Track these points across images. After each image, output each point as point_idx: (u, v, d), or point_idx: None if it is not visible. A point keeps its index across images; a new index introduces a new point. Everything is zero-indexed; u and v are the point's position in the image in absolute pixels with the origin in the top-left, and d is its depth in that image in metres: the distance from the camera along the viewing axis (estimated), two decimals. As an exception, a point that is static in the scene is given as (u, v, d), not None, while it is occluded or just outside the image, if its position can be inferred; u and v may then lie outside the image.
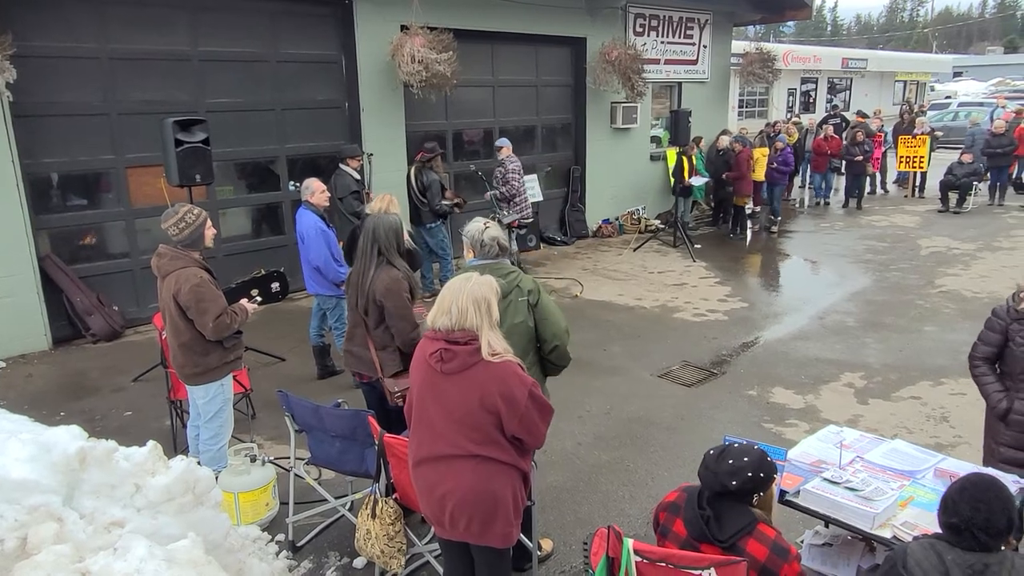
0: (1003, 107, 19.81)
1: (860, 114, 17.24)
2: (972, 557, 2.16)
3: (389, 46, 8.80)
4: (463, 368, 2.70)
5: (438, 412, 2.76)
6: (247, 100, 8.40)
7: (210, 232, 4.15)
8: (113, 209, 7.66)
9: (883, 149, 15.36)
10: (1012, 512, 2.20)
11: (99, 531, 2.43)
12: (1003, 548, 2.19)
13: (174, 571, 2.23)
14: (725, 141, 12.41)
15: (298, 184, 8.39)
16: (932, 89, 41.06)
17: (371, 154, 8.54)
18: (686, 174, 11.60)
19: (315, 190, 6.02)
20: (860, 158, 14.07)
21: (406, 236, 4.16)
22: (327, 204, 6.15)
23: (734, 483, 2.45)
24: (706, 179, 12.29)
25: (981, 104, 25.84)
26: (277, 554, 3.78)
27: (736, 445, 2.55)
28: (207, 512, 2.82)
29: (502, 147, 9.31)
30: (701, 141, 12.77)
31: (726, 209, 12.72)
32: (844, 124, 16.18)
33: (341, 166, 7.62)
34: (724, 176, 12.06)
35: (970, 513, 2.16)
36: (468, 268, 3.41)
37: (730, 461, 2.47)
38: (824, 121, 16.12)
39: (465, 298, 2.72)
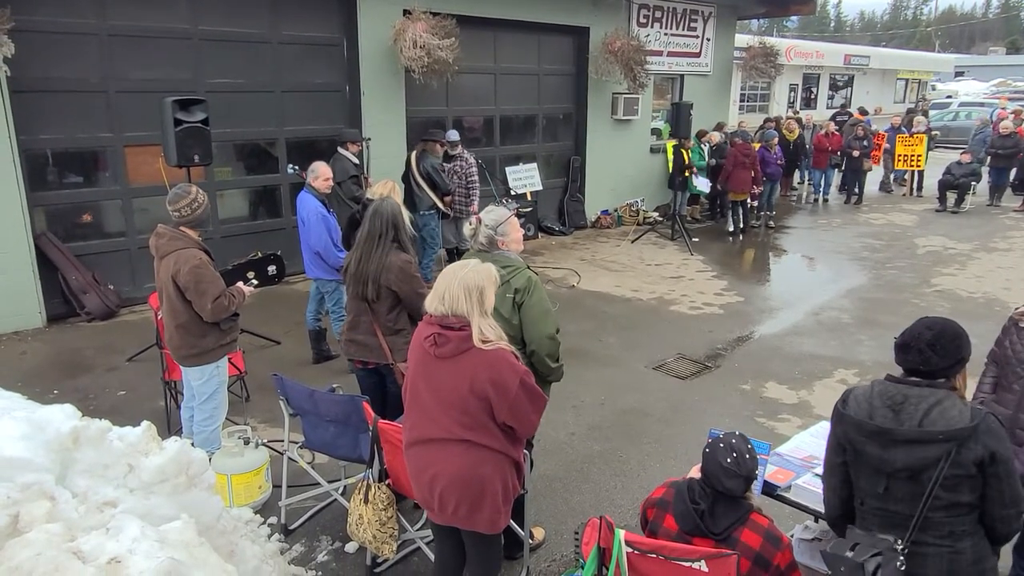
0: (1004, 107, 19.80)
1: (860, 111, 17.22)
2: (893, 389, 2.34)
3: (391, 30, 8.75)
4: (456, 353, 2.70)
5: (430, 396, 2.77)
6: (247, 81, 8.35)
7: None
8: (110, 188, 7.62)
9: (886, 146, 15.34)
10: (963, 346, 2.34)
11: (91, 511, 2.43)
12: (946, 383, 2.32)
13: (166, 552, 2.23)
14: (717, 137, 12.34)
15: (297, 167, 8.35)
16: (933, 88, 41.03)
17: (369, 138, 8.50)
18: (686, 165, 11.54)
19: (320, 175, 6.01)
20: (857, 153, 14.10)
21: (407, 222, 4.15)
22: (328, 190, 6.14)
23: (758, 471, 2.56)
24: (709, 184, 12.26)
25: (982, 104, 25.83)
26: (269, 537, 3.79)
27: (733, 441, 2.55)
28: (200, 494, 2.82)
29: (458, 143, 8.83)
30: (705, 136, 12.70)
31: (723, 203, 12.71)
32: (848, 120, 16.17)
33: (340, 150, 7.58)
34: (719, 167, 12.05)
35: (920, 330, 2.34)
36: (473, 255, 3.41)
37: (747, 456, 2.51)
38: (834, 117, 16.13)
39: (457, 285, 2.72)
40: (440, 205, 8.34)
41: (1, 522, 2.22)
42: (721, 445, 2.54)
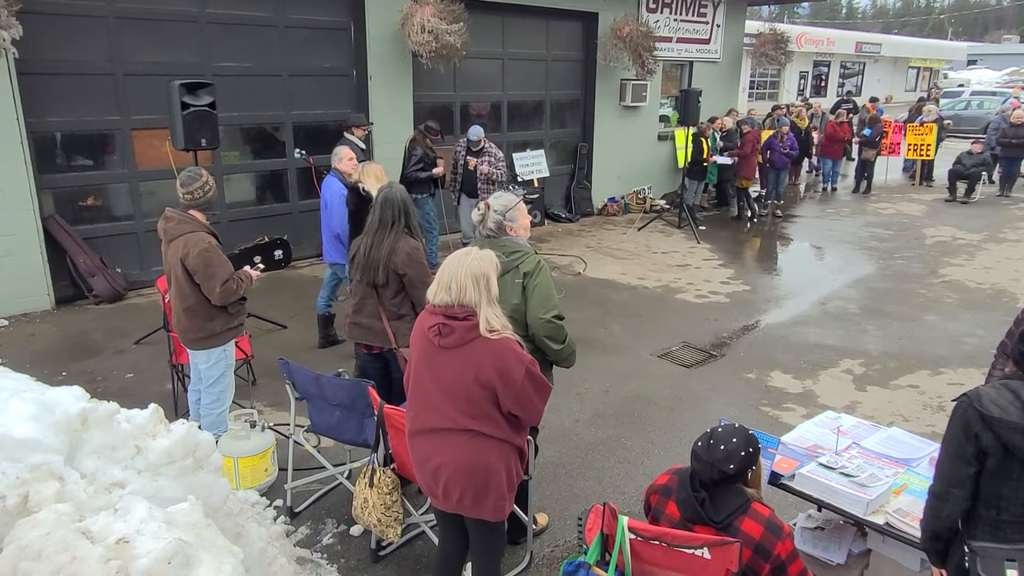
0: (1016, 97, 19.61)
1: (872, 100, 17.05)
2: None
3: (399, 15, 8.71)
4: (460, 343, 2.70)
5: (434, 385, 2.77)
6: (254, 65, 8.33)
7: None
8: (118, 171, 7.63)
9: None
10: None
11: (100, 491, 2.45)
12: None
13: (174, 533, 2.25)
14: (729, 122, 12.28)
15: (303, 151, 8.36)
16: (945, 76, 40.64)
17: (372, 123, 8.46)
18: (706, 153, 11.47)
19: (343, 156, 6.05)
20: (857, 140, 14.04)
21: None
22: (354, 171, 6.13)
23: (732, 467, 2.46)
24: (731, 160, 12.11)
25: (994, 93, 25.57)
26: (275, 519, 3.82)
27: (720, 428, 2.55)
28: (207, 476, 2.83)
29: (479, 140, 8.40)
30: (717, 121, 12.59)
31: (732, 191, 12.63)
32: (855, 109, 16.08)
33: (346, 135, 7.56)
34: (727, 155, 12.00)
35: None
36: (479, 241, 3.42)
37: (721, 447, 2.47)
38: (837, 106, 16.01)
39: (464, 273, 2.71)
40: (436, 171, 8.23)
41: (11, 502, 2.24)
42: (708, 430, 2.56)
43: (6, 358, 5.78)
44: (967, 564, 2.27)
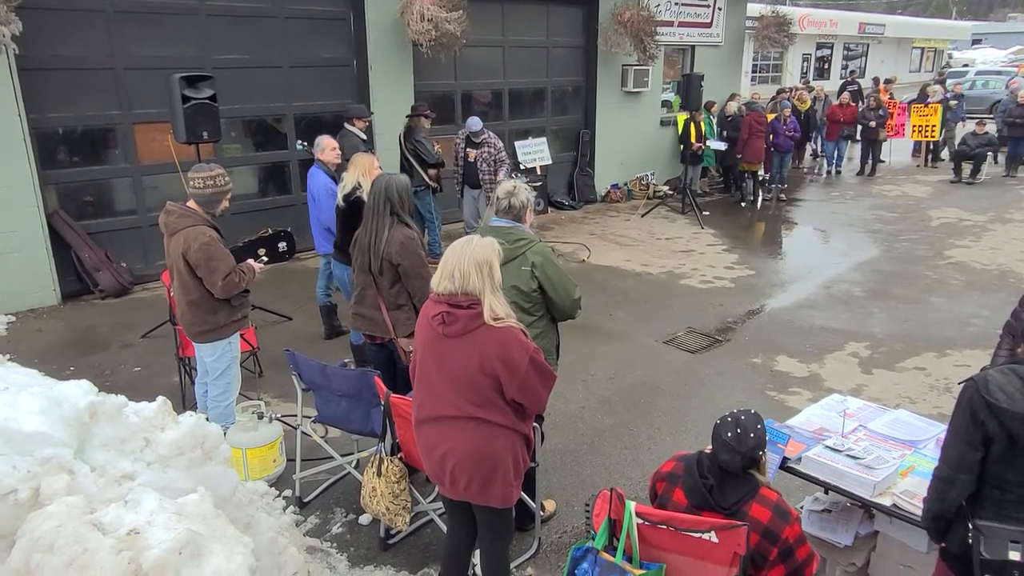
0: (1021, 76, 19.43)
1: (887, 82, 16.83)
2: None
3: (398, 3, 8.66)
4: (465, 331, 2.71)
5: (439, 374, 2.78)
6: (254, 56, 8.30)
7: (226, 204, 4.13)
8: (120, 165, 7.63)
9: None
10: None
11: (110, 484, 2.47)
12: None
13: (184, 524, 2.27)
14: (733, 107, 12.24)
15: (306, 143, 8.34)
16: (950, 56, 40.29)
17: (372, 113, 8.44)
18: (693, 139, 11.44)
19: (325, 147, 5.99)
20: (873, 124, 13.91)
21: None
22: (337, 162, 6.09)
23: (760, 453, 2.50)
24: (724, 145, 12.06)
25: (999, 73, 25.36)
26: (284, 509, 3.84)
27: (742, 417, 2.54)
28: (216, 467, 2.85)
29: (479, 131, 8.32)
30: (714, 106, 12.59)
31: (735, 176, 12.59)
32: (860, 91, 15.97)
33: (347, 126, 7.54)
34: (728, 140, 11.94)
35: None
36: (484, 229, 3.44)
37: (751, 435, 2.47)
38: (843, 88, 15.90)
39: (467, 262, 2.71)
40: (427, 179, 8.22)
41: (23, 495, 2.26)
42: (729, 419, 2.53)
43: (14, 353, 5.80)
44: (971, 541, 2.28)
